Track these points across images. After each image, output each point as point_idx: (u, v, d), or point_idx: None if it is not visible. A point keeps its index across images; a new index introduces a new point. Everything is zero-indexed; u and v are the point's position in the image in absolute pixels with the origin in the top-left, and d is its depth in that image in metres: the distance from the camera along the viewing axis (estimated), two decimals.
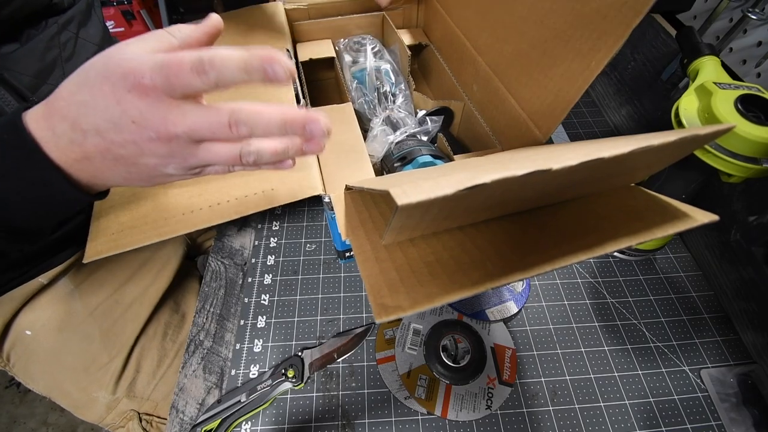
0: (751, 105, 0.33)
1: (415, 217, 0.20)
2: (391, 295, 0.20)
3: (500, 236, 0.25)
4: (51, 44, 0.41)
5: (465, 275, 0.22)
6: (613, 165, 0.20)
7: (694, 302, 0.46)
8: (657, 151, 0.19)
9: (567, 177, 0.20)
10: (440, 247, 0.24)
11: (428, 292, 0.20)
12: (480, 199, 0.20)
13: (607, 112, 0.68)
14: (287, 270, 0.48)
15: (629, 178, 0.26)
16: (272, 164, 0.27)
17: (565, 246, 0.22)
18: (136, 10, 1.96)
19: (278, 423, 0.38)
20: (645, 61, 0.60)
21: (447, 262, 0.23)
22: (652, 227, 0.22)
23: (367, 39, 0.55)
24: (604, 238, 0.22)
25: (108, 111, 0.24)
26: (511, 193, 0.21)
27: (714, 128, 0.19)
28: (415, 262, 0.23)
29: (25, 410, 1.11)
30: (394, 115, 0.50)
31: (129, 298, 0.52)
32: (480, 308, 0.44)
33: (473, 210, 0.22)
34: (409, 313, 0.19)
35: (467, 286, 0.20)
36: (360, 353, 0.42)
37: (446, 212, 0.21)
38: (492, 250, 0.23)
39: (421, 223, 0.21)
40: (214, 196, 0.34)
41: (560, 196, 0.26)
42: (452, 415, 0.38)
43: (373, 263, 0.24)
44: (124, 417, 0.51)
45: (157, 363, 0.52)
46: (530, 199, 0.24)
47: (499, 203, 0.22)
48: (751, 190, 0.42)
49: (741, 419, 0.38)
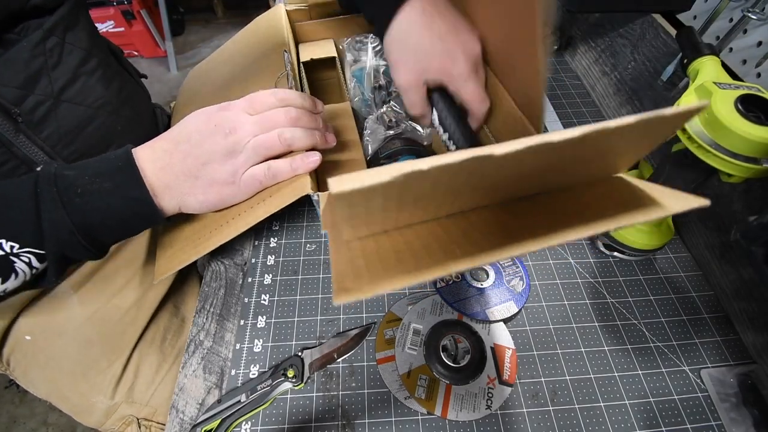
0: (751, 105, 0.33)
1: (360, 206, 0.20)
2: (354, 280, 0.21)
3: (475, 226, 0.25)
4: (36, 52, 0.38)
5: (431, 259, 0.22)
6: (572, 151, 0.20)
7: (694, 302, 0.46)
8: (619, 134, 0.19)
9: (518, 164, 0.20)
10: (412, 237, 0.25)
11: (391, 276, 0.21)
12: (427, 186, 0.20)
13: (607, 112, 0.68)
14: (287, 270, 0.48)
15: (607, 167, 0.26)
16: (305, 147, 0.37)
17: (539, 231, 0.22)
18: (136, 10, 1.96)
19: (278, 423, 0.38)
20: (645, 61, 0.60)
21: (417, 249, 0.23)
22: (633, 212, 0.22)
23: (369, 38, 0.55)
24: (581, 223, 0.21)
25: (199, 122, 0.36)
26: (460, 181, 0.20)
27: (682, 108, 0.19)
28: (385, 250, 0.24)
29: (25, 410, 1.11)
30: (388, 113, 0.50)
31: (128, 303, 0.51)
32: (480, 308, 0.44)
33: (430, 200, 0.22)
34: (368, 295, 0.19)
35: (431, 268, 0.20)
36: (360, 353, 0.42)
37: (395, 201, 0.21)
38: (463, 237, 0.24)
39: (371, 213, 0.21)
40: (231, 212, 0.39)
41: (532, 186, 0.26)
42: (452, 415, 0.38)
43: (344, 252, 0.24)
44: (123, 422, 0.50)
45: (156, 368, 0.52)
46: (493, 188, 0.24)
47: (454, 192, 0.22)
48: (751, 190, 0.42)
49: (741, 419, 0.38)
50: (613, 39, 0.67)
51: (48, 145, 0.40)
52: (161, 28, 2.05)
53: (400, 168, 0.15)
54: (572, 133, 0.17)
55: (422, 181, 0.18)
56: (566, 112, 0.68)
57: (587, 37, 0.73)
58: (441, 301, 0.45)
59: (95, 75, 0.44)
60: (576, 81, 0.74)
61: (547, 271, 0.48)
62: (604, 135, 0.18)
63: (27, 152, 0.38)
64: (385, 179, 0.15)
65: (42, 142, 0.39)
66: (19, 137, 0.37)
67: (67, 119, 0.41)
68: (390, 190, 0.18)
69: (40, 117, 0.39)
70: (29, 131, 0.38)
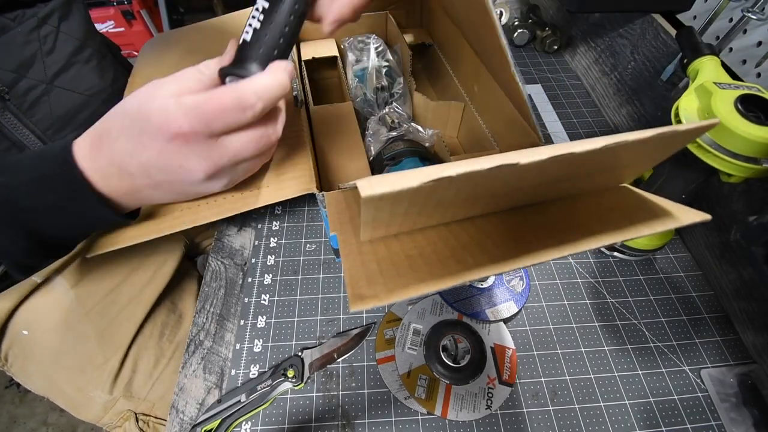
0: (751, 105, 0.33)
1: (385, 210, 0.20)
2: (369, 286, 0.21)
3: (485, 232, 0.25)
4: (30, 38, 0.40)
5: (444, 268, 0.22)
6: (590, 162, 0.20)
7: (694, 302, 0.46)
8: (634, 147, 0.19)
9: (540, 172, 0.20)
10: (424, 242, 0.25)
11: (405, 283, 0.21)
12: (451, 192, 0.20)
13: (607, 112, 0.68)
14: (287, 270, 0.48)
15: (616, 178, 0.26)
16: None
17: (549, 241, 0.22)
18: (136, 10, 1.96)
19: (278, 423, 0.38)
20: (645, 61, 0.60)
21: (428, 255, 0.23)
22: (638, 225, 0.22)
23: (372, 38, 0.55)
24: (589, 234, 0.22)
25: (152, 159, 0.26)
26: (483, 188, 0.21)
27: (696, 125, 0.19)
28: (397, 255, 0.24)
29: (25, 410, 1.11)
30: (391, 114, 0.50)
31: (125, 298, 0.52)
32: (480, 308, 0.44)
33: (450, 205, 0.23)
34: (384, 303, 0.19)
35: (445, 278, 0.20)
36: (360, 353, 0.42)
37: (419, 206, 0.21)
38: (474, 245, 0.24)
39: (394, 217, 0.22)
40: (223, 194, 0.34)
41: (544, 193, 0.26)
42: (452, 415, 0.38)
43: (355, 256, 0.24)
44: (121, 417, 0.51)
45: (153, 363, 0.52)
46: (509, 196, 0.24)
47: (474, 198, 0.22)
48: (751, 190, 0.42)
49: (741, 419, 0.38)
50: (613, 39, 0.67)
51: (39, 129, 0.41)
52: (161, 28, 2.05)
53: (428, 174, 0.15)
54: (593, 145, 0.17)
55: (449, 187, 0.18)
56: (566, 112, 0.68)
57: (587, 37, 0.73)
58: (441, 301, 0.45)
59: (89, 64, 0.46)
60: (576, 81, 0.74)
61: (547, 271, 0.48)
62: (622, 147, 0.18)
63: (18, 135, 0.40)
64: (414, 184, 0.15)
65: (33, 125, 0.41)
66: (6, 116, 0.38)
67: (60, 104, 0.43)
68: (417, 195, 0.18)
69: (32, 100, 0.40)
70: (20, 113, 0.39)
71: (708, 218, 0.21)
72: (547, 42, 0.77)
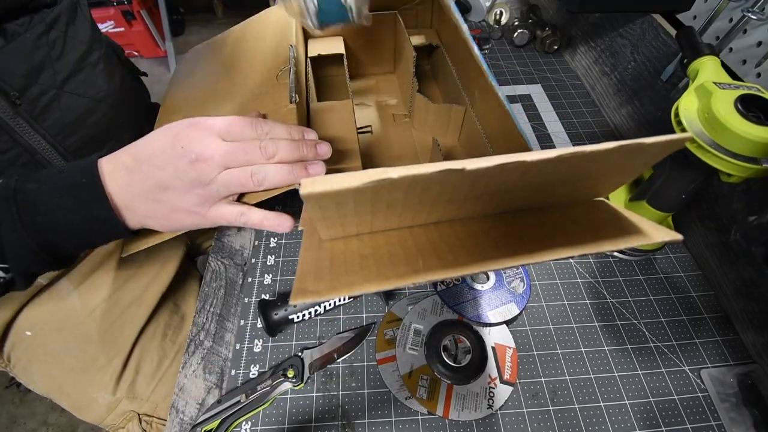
0: (751, 105, 0.33)
1: (331, 209, 0.20)
2: (315, 281, 0.21)
3: (444, 238, 0.25)
4: (39, 43, 0.40)
5: (393, 269, 0.22)
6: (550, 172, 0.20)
7: (694, 302, 0.46)
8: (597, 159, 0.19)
9: (491, 180, 0.20)
10: (382, 243, 0.25)
11: (351, 281, 0.21)
12: (399, 195, 0.20)
13: (607, 112, 0.68)
14: (287, 270, 0.48)
15: (589, 191, 0.26)
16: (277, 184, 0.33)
17: (506, 251, 0.22)
18: (136, 10, 1.96)
19: (278, 423, 0.38)
20: (645, 61, 0.60)
21: (381, 256, 0.24)
22: (603, 240, 0.22)
23: None
24: (551, 246, 0.21)
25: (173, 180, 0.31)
26: (433, 193, 0.21)
27: (663, 138, 0.18)
28: (352, 254, 0.24)
29: (25, 410, 1.11)
30: None
31: (128, 299, 0.52)
32: (481, 311, 0.44)
33: (405, 209, 0.23)
34: (325, 298, 0.20)
35: (390, 279, 0.21)
36: (360, 353, 0.42)
37: (368, 207, 0.21)
38: (431, 249, 0.24)
39: (345, 217, 0.22)
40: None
41: (509, 202, 0.25)
42: (454, 415, 0.38)
43: (312, 252, 0.24)
44: (124, 418, 0.51)
45: (156, 364, 0.52)
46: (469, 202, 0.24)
47: (431, 203, 0.23)
48: (751, 190, 0.42)
49: (741, 419, 0.38)
50: (613, 39, 0.67)
51: (50, 134, 0.41)
52: (161, 28, 2.05)
53: (370, 175, 0.16)
54: (547, 155, 0.17)
55: (393, 189, 0.18)
56: (566, 112, 0.68)
57: (587, 37, 0.73)
58: (441, 301, 0.45)
59: (97, 68, 0.46)
60: (576, 81, 0.74)
61: (547, 271, 0.48)
62: (580, 158, 0.18)
63: (29, 140, 0.40)
64: (354, 184, 0.16)
65: (44, 131, 0.41)
66: (18, 121, 0.38)
67: (70, 110, 0.43)
68: (361, 195, 0.18)
69: (43, 106, 0.40)
70: (31, 119, 0.39)
71: (680, 238, 0.21)
72: (547, 42, 0.77)
